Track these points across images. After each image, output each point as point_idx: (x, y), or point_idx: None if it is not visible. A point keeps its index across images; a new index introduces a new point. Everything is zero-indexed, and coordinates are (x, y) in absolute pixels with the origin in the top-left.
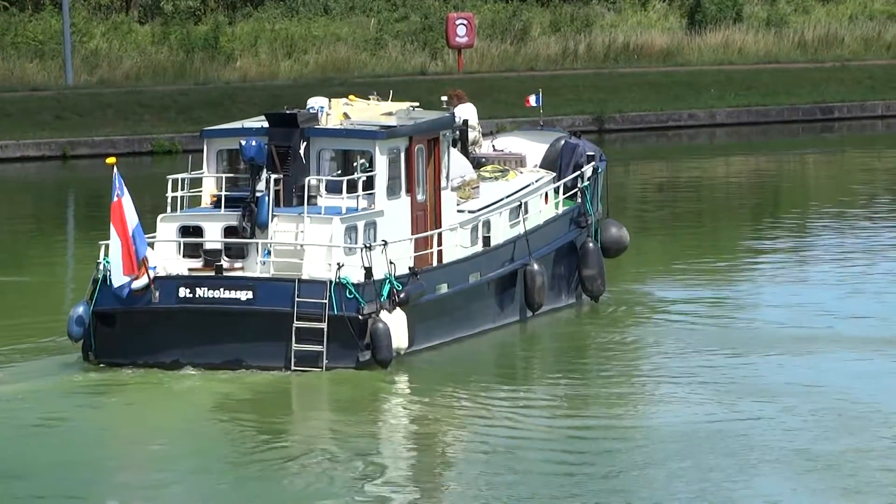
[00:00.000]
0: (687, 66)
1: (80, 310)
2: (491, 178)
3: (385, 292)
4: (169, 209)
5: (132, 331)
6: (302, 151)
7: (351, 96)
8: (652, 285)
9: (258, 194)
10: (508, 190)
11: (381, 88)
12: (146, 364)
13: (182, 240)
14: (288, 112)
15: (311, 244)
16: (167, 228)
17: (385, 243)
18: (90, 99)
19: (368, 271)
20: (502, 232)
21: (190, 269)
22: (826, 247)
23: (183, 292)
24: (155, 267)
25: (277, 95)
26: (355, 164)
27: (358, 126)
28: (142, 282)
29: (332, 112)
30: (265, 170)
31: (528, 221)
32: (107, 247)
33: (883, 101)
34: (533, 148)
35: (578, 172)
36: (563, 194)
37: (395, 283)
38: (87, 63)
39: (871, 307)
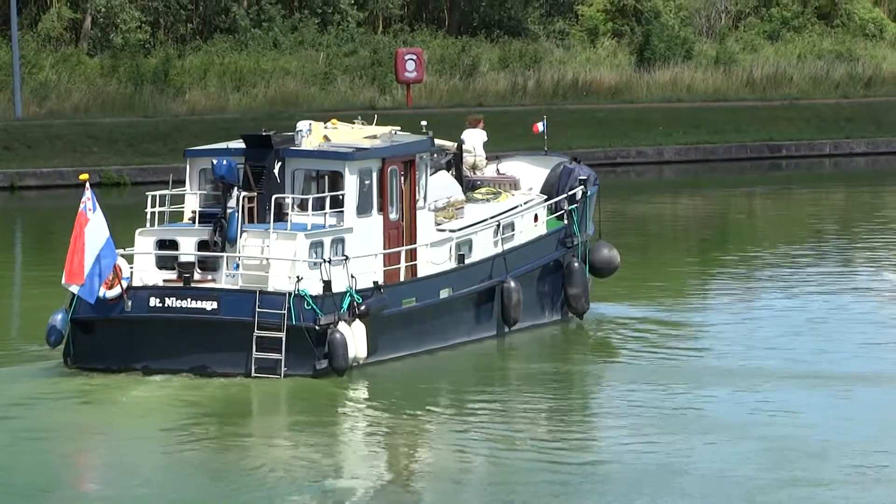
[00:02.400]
0: (635, 103)
1: (59, 317)
2: (483, 199)
3: (345, 304)
4: (148, 224)
5: (106, 338)
6: (276, 171)
7: (333, 120)
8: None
9: (229, 211)
10: (494, 211)
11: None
12: (119, 369)
13: (154, 252)
14: (263, 134)
15: (275, 258)
16: (144, 242)
17: (346, 258)
18: (39, 130)
19: (327, 284)
20: (482, 250)
21: (165, 281)
22: (775, 283)
23: (153, 302)
24: (128, 277)
25: (226, 129)
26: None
27: (330, 148)
28: (115, 291)
29: (313, 134)
30: (236, 188)
31: (510, 241)
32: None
33: (831, 140)
34: (535, 172)
35: (566, 195)
36: (553, 216)
37: (355, 295)
38: (36, 95)
39: (817, 343)
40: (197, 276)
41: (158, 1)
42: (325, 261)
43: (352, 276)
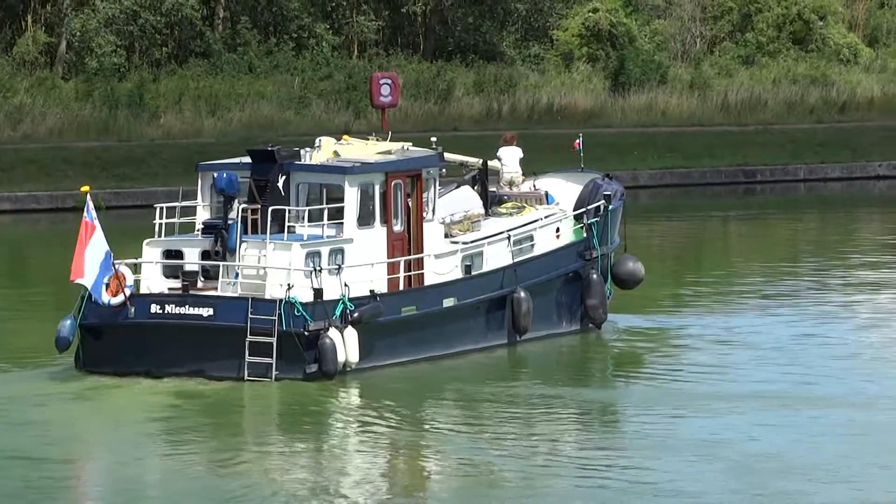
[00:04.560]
0: (610, 127)
1: (67, 324)
2: (506, 214)
3: (338, 311)
4: (156, 234)
5: (112, 343)
6: (280, 185)
7: (346, 136)
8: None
9: (230, 222)
10: (511, 224)
11: (306, 147)
12: (124, 373)
13: (156, 262)
14: (269, 149)
15: (270, 267)
16: (152, 252)
17: (339, 267)
18: (13, 154)
19: (318, 292)
20: (494, 262)
21: (170, 289)
22: (751, 308)
23: (154, 308)
24: (132, 286)
25: (201, 152)
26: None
27: (333, 162)
28: (119, 299)
29: (322, 149)
30: (237, 200)
31: (527, 252)
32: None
33: (805, 165)
34: (570, 188)
35: (584, 209)
36: (578, 226)
37: (347, 303)
38: (10, 118)
39: (791, 367)
40: (201, 284)
41: (133, 25)
42: (315, 269)
43: (345, 285)
